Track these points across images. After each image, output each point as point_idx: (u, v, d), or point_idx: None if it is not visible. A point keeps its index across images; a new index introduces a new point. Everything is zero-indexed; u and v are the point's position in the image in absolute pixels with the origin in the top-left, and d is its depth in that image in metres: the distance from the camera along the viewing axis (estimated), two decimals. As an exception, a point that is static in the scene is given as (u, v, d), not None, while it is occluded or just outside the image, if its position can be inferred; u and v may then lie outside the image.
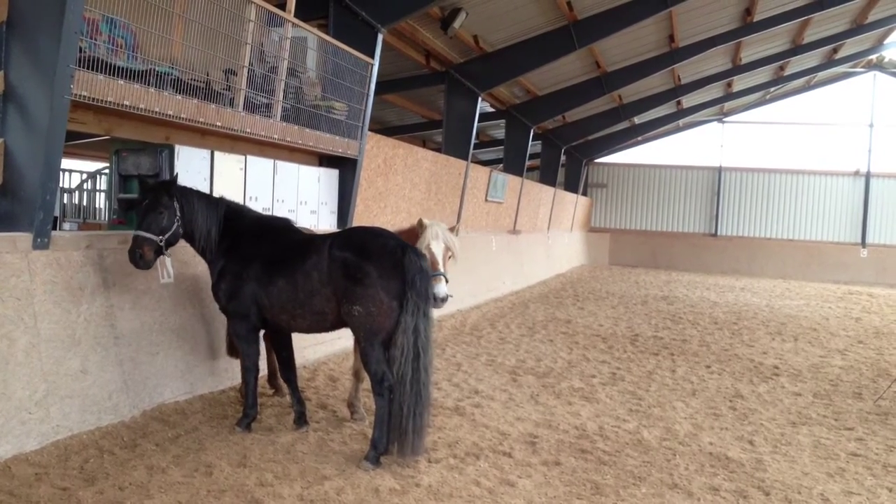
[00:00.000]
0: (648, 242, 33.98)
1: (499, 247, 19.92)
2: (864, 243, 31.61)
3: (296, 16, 8.95)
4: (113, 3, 6.50)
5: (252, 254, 6.33)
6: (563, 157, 29.05)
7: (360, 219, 11.53)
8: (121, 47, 6.79)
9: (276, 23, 8.71)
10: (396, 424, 5.86)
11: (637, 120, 29.15)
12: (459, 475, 5.82)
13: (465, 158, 16.84)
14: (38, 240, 5.95)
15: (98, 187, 12.68)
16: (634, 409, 8.19)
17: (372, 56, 10.72)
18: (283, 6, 8.88)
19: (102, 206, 12.37)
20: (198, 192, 6.51)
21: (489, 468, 6.02)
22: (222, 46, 7.98)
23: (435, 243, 6.76)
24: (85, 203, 12.59)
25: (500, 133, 25.05)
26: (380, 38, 10.84)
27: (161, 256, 6.36)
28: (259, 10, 8.07)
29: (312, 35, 9.52)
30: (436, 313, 13.78)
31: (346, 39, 10.12)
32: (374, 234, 6.21)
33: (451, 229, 7.04)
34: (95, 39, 6.35)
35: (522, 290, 20.10)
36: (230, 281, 6.34)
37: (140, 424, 6.36)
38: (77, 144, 6.64)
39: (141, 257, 6.05)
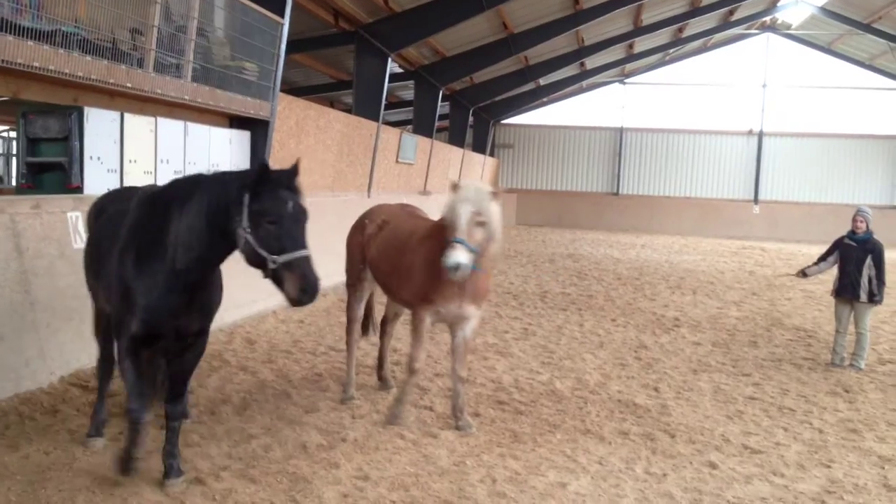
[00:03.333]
0: (553, 202, 34.74)
1: (410, 208, 20.07)
2: (756, 200, 33.18)
3: (204, -26, 8.80)
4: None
5: None
6: (471, 119, 29.32)
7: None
8: (25, 6, 6.57)
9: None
10: None
11: (542, 81, 29.61)
12: (384, 429, 6.02)
13: (376, 120, 16.85)
14: (-52, 205, 5.78)
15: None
16: (546, 361, 8.57)
17: (282, 15, 10.61)
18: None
19: (1, 169, 11.90)
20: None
21: (412, 422, 6.23)
22: (128, 5, 7.79)
23: (462, 206, 5.58)
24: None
25: (409, 94, 25.07)
26: (289, -3, 10.73)
27: (73, 220, 6.25)
28: (167, -32, 7.90)
29: (220, -7, 9.36)
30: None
31: (254, -1, 9.98)
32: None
33: (494, 194, 5.77)
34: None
35: (434, 251, 20.31)
36: None
37: (59, 390, 6.30)
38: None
39: None
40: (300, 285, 4.21)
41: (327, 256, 12.66)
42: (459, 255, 5.41)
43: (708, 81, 34.05)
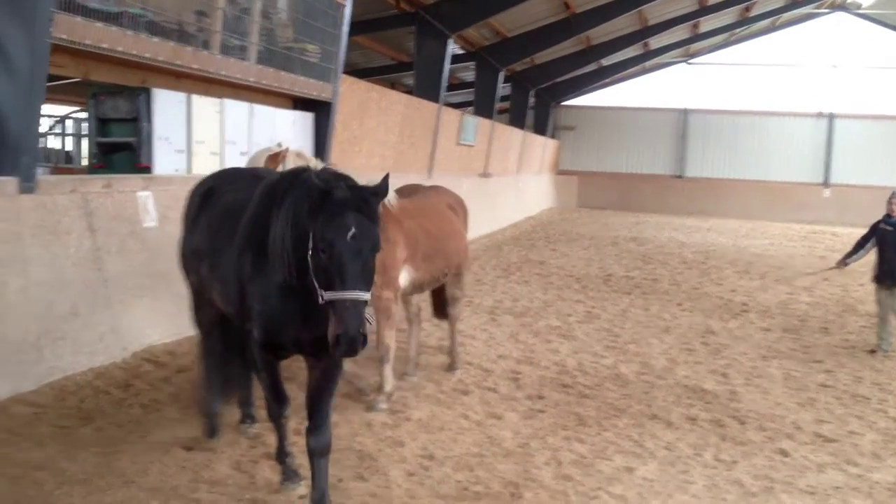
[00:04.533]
0: (616, 184, 34.20)
1: (470, 190, 20.00)
2: (826, 183, 32.15)
3: (268, -44, 8.84)
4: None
5: None
6: (531, 100, 29.04)
7: (336, 162, 11.51)
8: (94, -12, 6.69)
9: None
10: None
11: (605, 62, 29.13)
12: (448, 409, 6.01)
13: (437, 101, 16.79)
14: (24, 184, 5.92)
15: (66, 131, 12.49)
16: (611, 345, 8.43)
17: (345, -3, 10.62)
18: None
19: (72, 149, 12.23)
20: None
21: (476, 403, 6.21)
22: (195, -13, 7.88)
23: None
24: (56, 147, 12.40)
25: (470, 76, 24.91)
26: (352, -22, 10.72)
27: (143, 199, 6.33)
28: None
29: (284, -25, 9.41)
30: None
31: (317, -20, 10.01)
32: None
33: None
34: (69, -19, 6.25)
35: (494, 233, 20.25)
36: None
37: (132, 365, 6.45)
38: (50, 87, 6.57)
39: None
40: (336, 333, 3.47)
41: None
42: None
43: (776, 62, 32.99)
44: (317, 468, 4.11)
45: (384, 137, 13.86)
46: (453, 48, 18.09)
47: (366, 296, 3.51)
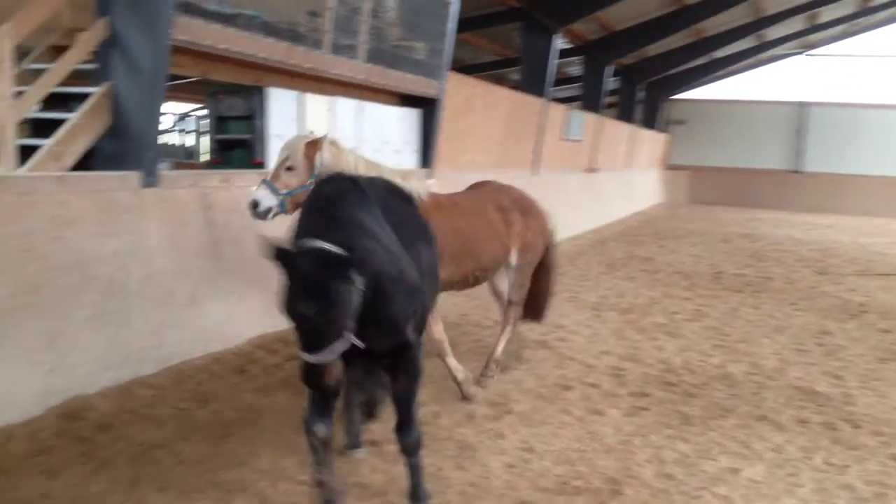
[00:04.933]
0: (729, 180, 33.06)
1: (576, 185, 19.83)
2: (956, 179, 30.21)
3: (376, -44, 9.03)
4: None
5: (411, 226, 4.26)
6: (640, 94, 28.47)
7: (441, 159, 11.65)
8: (211, -9, 7.01)
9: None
10: None
11: (717, 54, 28.22)
12: (549, 404, 6.01)
13: (543, 97, 16.72)
14: (147, 178, 6.27)
15: (187, 129, 13.13)
16: (719, 344, 8.20)
17: (452, -6, 10.72)
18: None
19: (190, 146, 12.87)
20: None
21: (578, 399, 6.18)
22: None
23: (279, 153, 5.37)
24: (177, 143, 13.06)
25: (576, 70, 24.65)
26: (459, -25, 10.81)
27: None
28: (343, -49, 8.16)
29: (393, -26, 9.58)
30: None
31: (423, -21, 10.14)
32: None
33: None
34: (189, -16, 6.57)
35: (601, 229, 19.98)
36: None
37: (246, 352, 6.73)
38: (171, 86, 6.96)
39: None
40: None
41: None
42: (257, 193, 5.07)
43: (901, 52, 31.19)
44: (410, 469, 4.17)
45: (489, 133, 13.91)
46: (560, 43, 17.95)
47: (313, 358, 3.19)
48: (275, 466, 4.62)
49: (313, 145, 5.17)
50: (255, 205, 5.04)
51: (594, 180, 21.98)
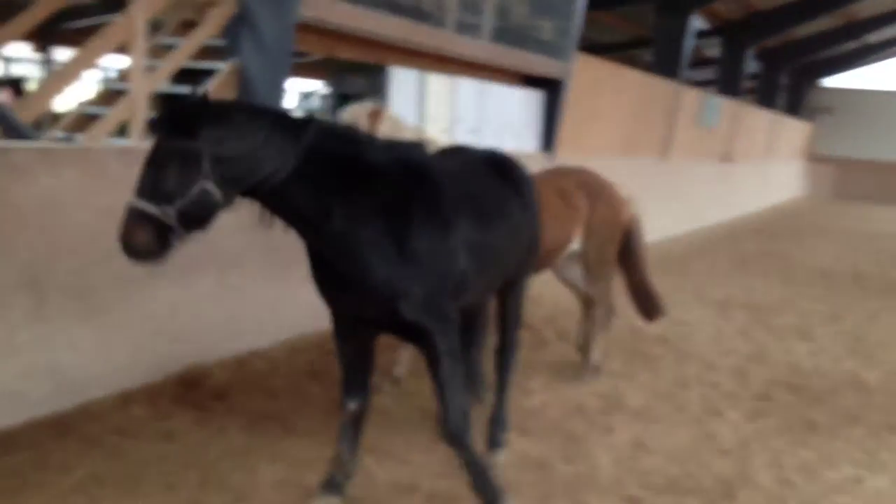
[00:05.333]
0: (879, 174, 30.93)
1: (709, 175, 19.04)
2: None
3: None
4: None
5: (446, 204, 3.71)
6: (783, 80, 27.01)
7: (565, 142, 11.40)
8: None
9: (487, -60, 8.68)
10: None
11: (870, 39, 26.38)
12: (664, 402, 5.79)
13: (676, 80, 16.10)
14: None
15: (309, 106, 13.45)
16: (854, 349, 7.67)
17: (582, -29, 10.43)
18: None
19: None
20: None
21: (695, 397, 5.93)
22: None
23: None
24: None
25: (714, 52, 23.65)
26: (589, -48, 10.50)
27: None
28: (471, -72, 8.06)
29: (522, -49, 9.40)
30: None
31: (554, -45, 9.91)
32: None
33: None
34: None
35: (733, 222, 19.17)
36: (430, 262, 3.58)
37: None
38: (296, 64, 7.08)
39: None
40: None
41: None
42: None
43: None
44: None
45: (616, 117, 13.50)
46: (697, 23, 17.24)
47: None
48: (380, 444, 4.63)
49: (375, 116, 5.18)
50: None
51: (729, 170, 21.04)
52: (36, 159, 4.65)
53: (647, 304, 6.44)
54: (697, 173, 18.19)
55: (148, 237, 3.07)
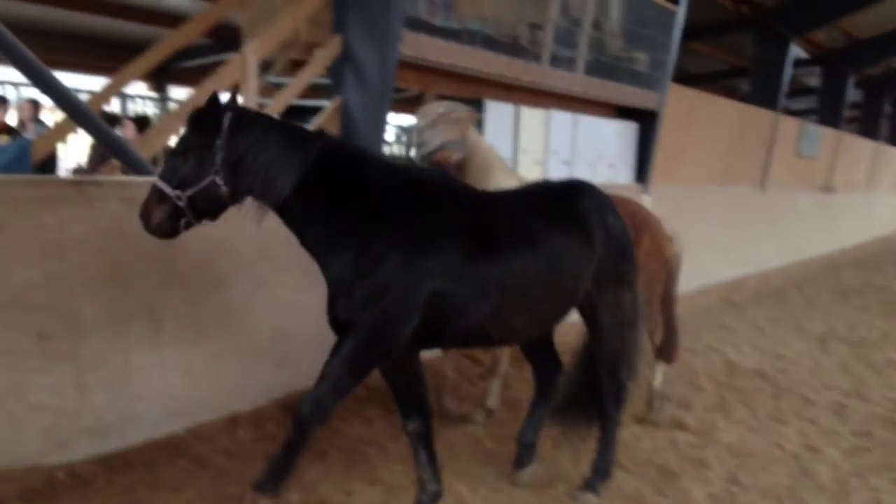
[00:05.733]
0: None
1: (808, 205, 18.48)
2: None
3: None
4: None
5: (431, 224, 3.79)
6: (888, 109, 26.05)
7: (658, 173, 11.31)
8: (438, 7, 7.28)
9: (582, -25, 8.78)
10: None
11: None
12: (760, 437, 5.69)
13: (775, 109, 15.77)
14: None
15: (408, 141, 13.76)
16: (959, 387, 7.35)
17: (676, 3, 10.39)
18: (589, -42, 8.91)
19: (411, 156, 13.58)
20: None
21: (792, 433, 5.80)
22: (530, 2, 8.22)
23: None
24: (397, 153, 13.74)
25: (814, 81, 23.03)
26: (686, -16, 10.47)
27: None
28: (567, -36, 8.17)
29: (617, -15, 9.46)
30: (737, 272, 13.01)
31: (650, -13, 9.93)
32: (607, 195, 4.58)
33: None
34: (416, 0, 6.87)
35: (834, 253, 18.50)
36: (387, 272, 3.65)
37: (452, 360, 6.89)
38: (395, 99, 7.32)
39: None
40: None
41: (709, 255, 12.28)
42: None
43: None
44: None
45: (712, 147, 13.31)
46: (796, 52, 16.88)
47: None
48: (473, 472, 4.73)
49: (470, 120, 5.21)
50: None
51: (830, 200, 20.38)
52: (155, 193, 4.95)
53: (670, 346, 6.21)
54: (797, 203, 17.70)
55: (162, 216, 3.54)
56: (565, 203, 4.19)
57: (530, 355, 4.76)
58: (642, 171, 10.92)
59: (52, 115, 10.66)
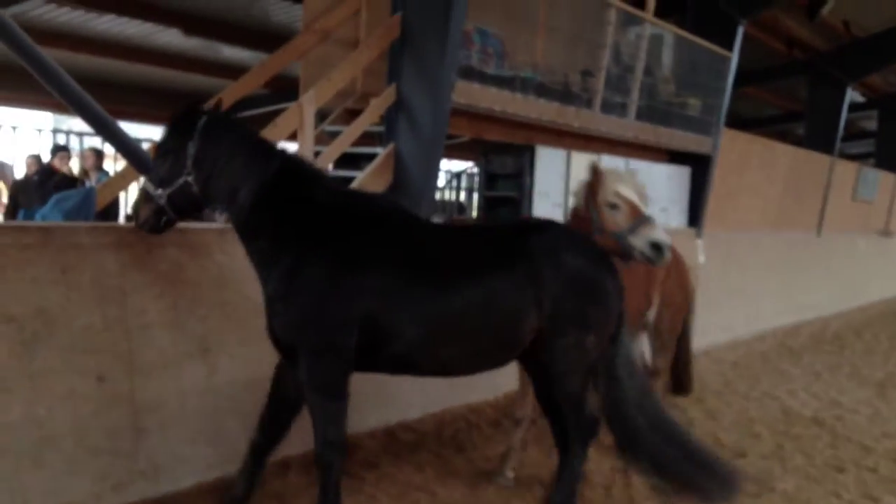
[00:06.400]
0: None
1: (867, 249, 18.06)
2: None
3: (654, 13, 8.99)
4: (486, 15, 7.09)
5: (366, 247, 3.90)
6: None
7: (711, 218, 11.19)
8: (490, 56, 7.38)
9: (634, 22, 8.82)
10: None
11: None
12: (817, 485, 5.52)
13: (830, 153, 15.53)
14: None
15: (461, 186, 13.91)
16: None
17: (730, 49, 10.37)
18: (640, 5, 8.95)
19: (465, 202, 13.71)
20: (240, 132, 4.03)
21: (850, 482, 5.62)
22: (581, 49, 8.29)
23: (624, 187, 4.78)
24: (451, 199, 13.90)
25: (871, 125, 22.64)
26: (740, 30, 10.45)
27: None
28: (618, 12, 8.23)
29: (669, 32, 9.47)
30: (794, 318, 12.75)
31: (703, 33, 9.93)
32: (577, 234, 4.57)
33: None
34: (469, 50, 6.98)
35: (894, 298, 18.03)
36: (314, 289, 3.81)
37: (502, 404, 6.87)
38: (446, 145, 7.42)
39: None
40: None
41: (765, 299, 12.03)
42: (662, 230, 4.61)
43: None
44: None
45: (766, 191, 13.15)
46: (852, 96, 16.66)
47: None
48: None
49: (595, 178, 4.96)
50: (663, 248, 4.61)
51: (888, 244, 19.89)
52: (212, 239, 5.07)
53: (685, 379, 6.24)
54: (855, 247, 17.32)
55: (147, 213, 4.03)
56: (514, 240, 4.12)
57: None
58: (695, 215, 10.81)
59: (114, 163, 11.02)
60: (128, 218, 3.89)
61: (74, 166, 9.40)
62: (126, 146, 5.14)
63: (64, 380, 4.27)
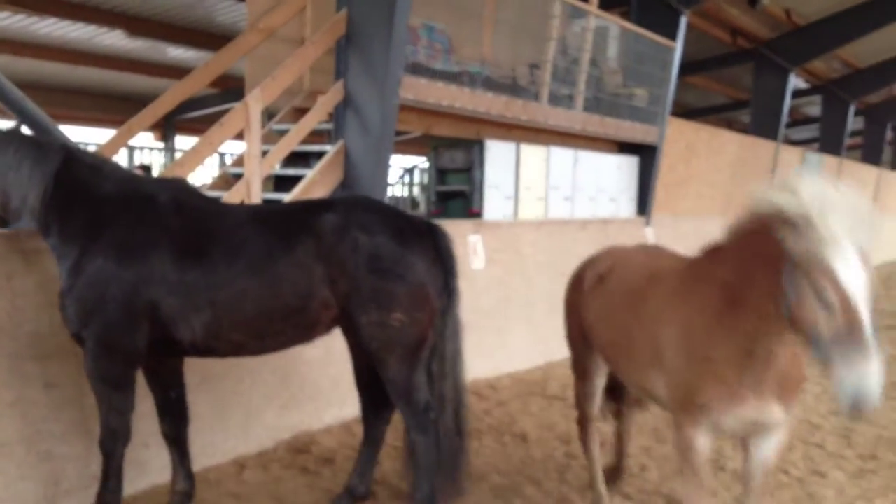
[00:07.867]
0: None
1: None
2: None
3: (598, 6, 9.12)
4: (431, 10, 7.13)
5: (146, 235, 3.89)
6: (889, 135, 26.18)
7: (660, 205, 11.40)
8: (438, 51, 7.43)
9: (579, 15, 8.94)
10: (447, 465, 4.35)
11: None
12: (768, 464, 5.67)
13: (775, 139, 15.89)
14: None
15: (413, 181, 13.95)
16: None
17: (674, 39, 10.56)
18: (585, -2, 9.08)
19: (416, 197, 13.74)
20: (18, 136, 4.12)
21: (798, 458, 5.78)
22: (528, 43, 8.38)
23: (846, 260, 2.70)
24: (403, 195, 13.94)
25: (814, 110, 23.19)
26: (683, 20, 10.64)
27: (475, 243, 6.72)
28: (564, 5, 8.33)
29: (614, 24, 9.61)
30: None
31: (647, 24, 10.10)
32: (387, 207, 4.48)
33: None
34: (416, 46, 7.02)
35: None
36: (95, 282, 3.80)
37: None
38: (397, 141, 7.44)
39: None
40: None
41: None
42: (874, 374, 2.62)
43: None
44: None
45: (713, 179, 13.42)
46: (795, 82, 17.06)
47: None
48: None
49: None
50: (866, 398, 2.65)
51: (834, 227, 20.38)
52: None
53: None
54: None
55: None
56: (303, 219, 4.04)
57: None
58: (644, 203, 11.01)
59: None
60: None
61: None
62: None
63: (12, 387, 4.23)
